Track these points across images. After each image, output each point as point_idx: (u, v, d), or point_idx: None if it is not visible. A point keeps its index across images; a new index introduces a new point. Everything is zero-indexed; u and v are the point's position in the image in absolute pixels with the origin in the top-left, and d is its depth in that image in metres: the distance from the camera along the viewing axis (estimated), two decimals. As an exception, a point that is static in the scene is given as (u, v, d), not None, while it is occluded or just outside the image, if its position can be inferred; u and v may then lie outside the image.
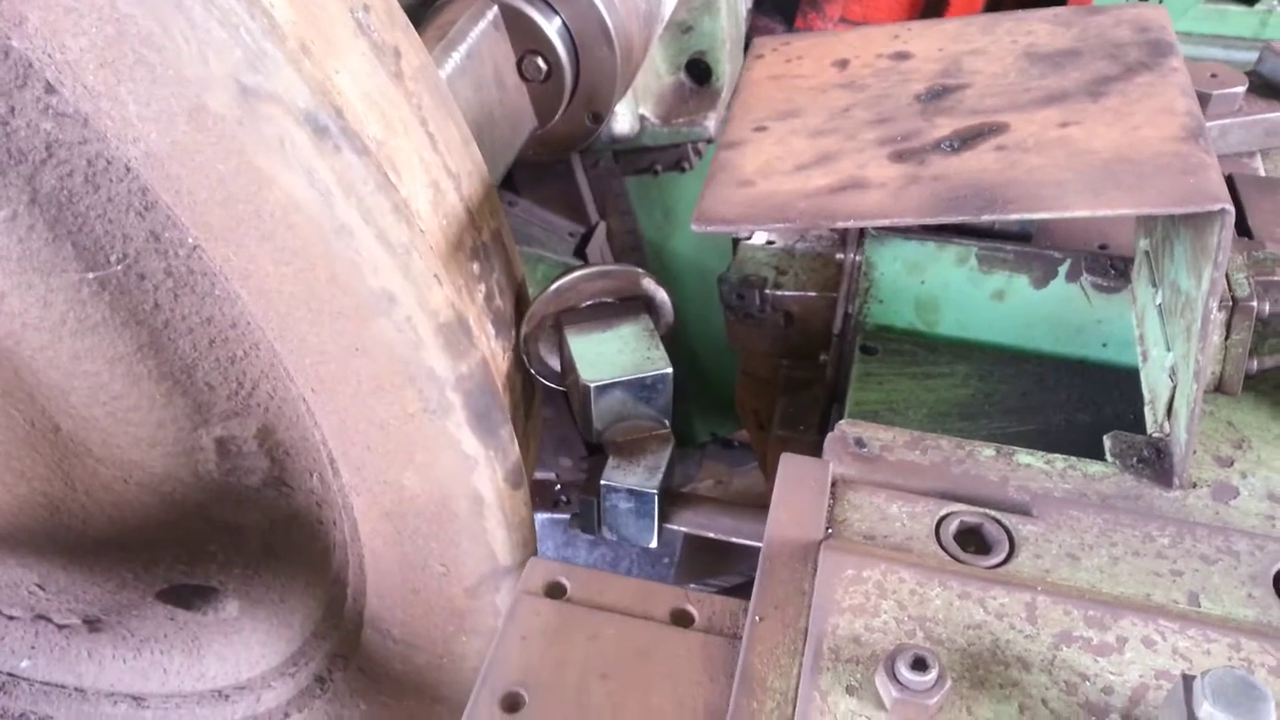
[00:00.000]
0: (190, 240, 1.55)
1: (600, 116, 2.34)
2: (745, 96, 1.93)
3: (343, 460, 1.77)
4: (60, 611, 2.21)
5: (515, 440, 1.76)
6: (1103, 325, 2.05)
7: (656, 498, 1.83)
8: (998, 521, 1.53)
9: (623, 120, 2.73)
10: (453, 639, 1.99)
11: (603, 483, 1.85)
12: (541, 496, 3.67)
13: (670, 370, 1.85)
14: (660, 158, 2.89)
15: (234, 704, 2.29)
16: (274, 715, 2.27)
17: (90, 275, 1.63)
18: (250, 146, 1.37)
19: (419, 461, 1.70)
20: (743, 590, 1.66)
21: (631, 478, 1.85)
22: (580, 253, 2.59)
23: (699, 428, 3.87)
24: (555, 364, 1.95)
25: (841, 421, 1.71)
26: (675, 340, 3.35)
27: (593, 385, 1.82)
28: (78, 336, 1.70)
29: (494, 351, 1.81)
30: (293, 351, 1.63)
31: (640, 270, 1.95)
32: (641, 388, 1.85)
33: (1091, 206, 1.46)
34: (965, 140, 1.64)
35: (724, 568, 3.54)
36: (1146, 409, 1.71)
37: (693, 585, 3.42)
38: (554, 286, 1.88)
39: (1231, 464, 1.66)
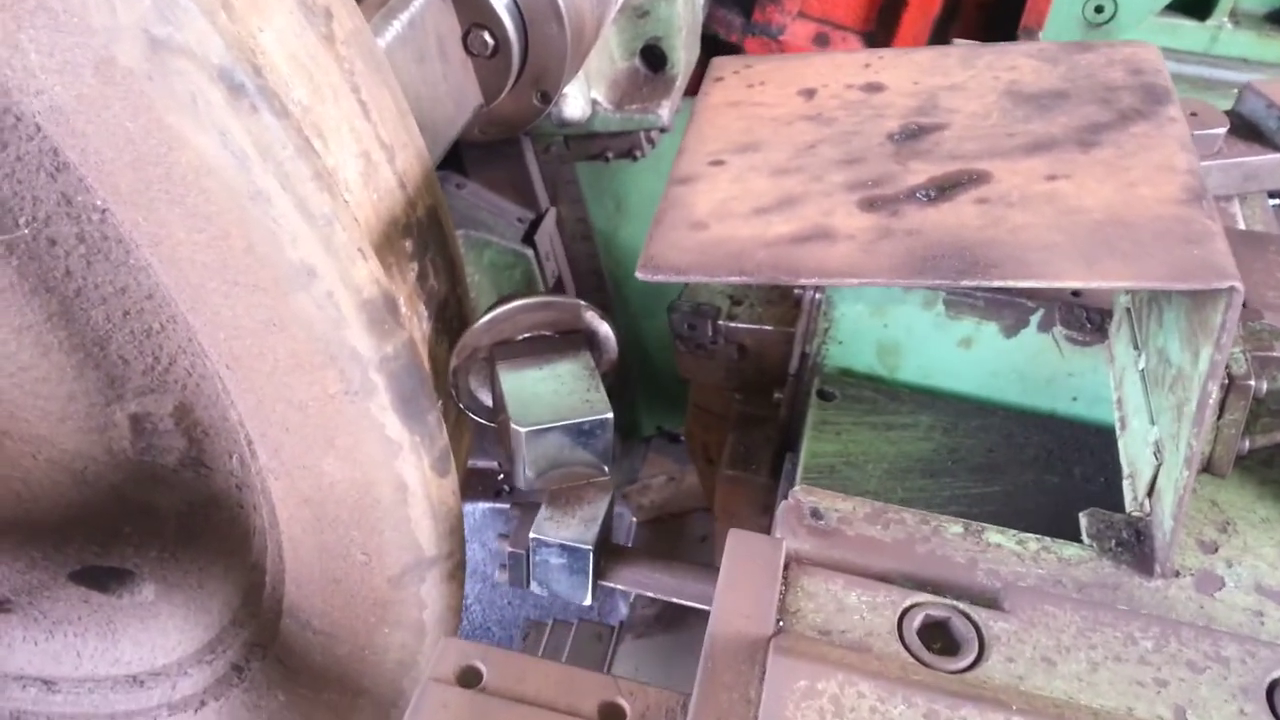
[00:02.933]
0: (99, 202, 1.39)
1: (549, 96, 2.09)
2: (701, 124, 1.62)
3: (260, 442, 1.58)
4: (-33, 591, 2.00)
5: (444, 427, 1.56)
6: (1074, 379, 1.76)
7: (591, 554, 1.55)
8: (967, 617, 1.25)
9: (574, 104, 2.45)
10: (375, 630, 1.78)
11: (532, 536, 1.57)
12: (484, 485, 3.43)
13: (611, 415, 1.56)
14: (612, 144, 2.62)
15: (149, 690, 2.07)
16: (189, 703, 2.05)
17: None
18: (160, 103, 1.22)
19: (340, 445, 1.51)
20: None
21: (565, 531, 1.57)
22: (529, 239, 2.32)
23: (645, 421, 3.61)
24: (487, 399, 1.68)
25: (796, 489, 1.43)
26: (625, 331, 3.08)
27: (524, 430, 1.53)
28: (-17, 303, 1.51)
29: (426, 334, 1.62)
30: (206, 325, 1.46)
31: (583, 303, 1.68)
32: (579, 433, 1.56)
33: (1084, 277, 1.20)
34: (943, 189, 1.36)
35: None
36: (1125, 482, 1.44)
37: None
38: (488, 317, 1.62)
39: (1216, 550, 1.39)
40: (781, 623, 1.24)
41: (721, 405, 2.10)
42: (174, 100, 1.21)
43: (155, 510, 1.84)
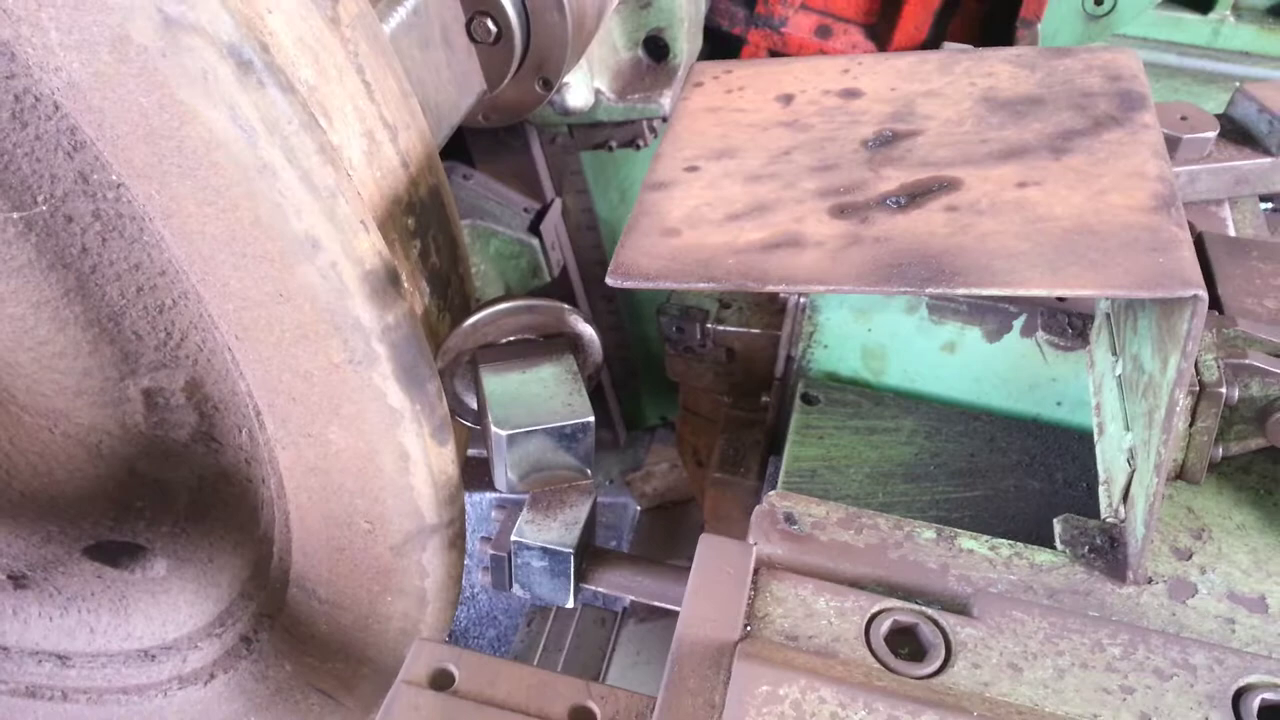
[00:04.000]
0: (114, 178, 1.38)
1: (550, 83, 2.05)
2: (678, 129, 1.57)
3: (268, 412, 1.56)
4: (-14, 566, 1.99)
5: (443, 397, 1.53)
6: (1057, 383, 1.70)
7: (573, 557, 1.49)
8: (934, 622, 1.20)
9: (577, 93, 2.41)
10: (378, 599, 1.76)
11: (513, 539, 1.51)
12: (488, 475, 3.29)
13: (592, 419, 1.51)
14: (615, 134, 2.58)
15: (160, 664, 2.05)
16: (200, 675, 2.02)
17: (16, 215, 1.44)
18: (173, 79, 1.21)
19: (344, 414, 1.49)
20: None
21: (546, 534, 1.51)
22: (534, 229, 2.26)
23: (649, 411, 3.55)
24: (473, 402, 1.64)
25: (771, 493, 1.39)
26: (628, 323, 3.01)
27: (505, 434, 1.49)
28: (2, 278, 1.52)
29: (429, 310, 1.59)
30: (216, 296, 1.44)
31: (566, 306, 1.62)
32: (560, 436, 1.51)
33: (1048, 284, 1.15)
34: (913, 197, 1.31)
35: (675, 550, 3.27)
36: (1101, 488, 1.39)
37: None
38: (471, 320, 1.57)
39: (1190, 556, 1.33)
40: (749, 628, 1.19)
41: (711, 408, 2.05)
42: (186, 76, 1.20)
43: (167, 485, 1.82)
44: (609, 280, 1.26)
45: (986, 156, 1.35)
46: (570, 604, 1.53)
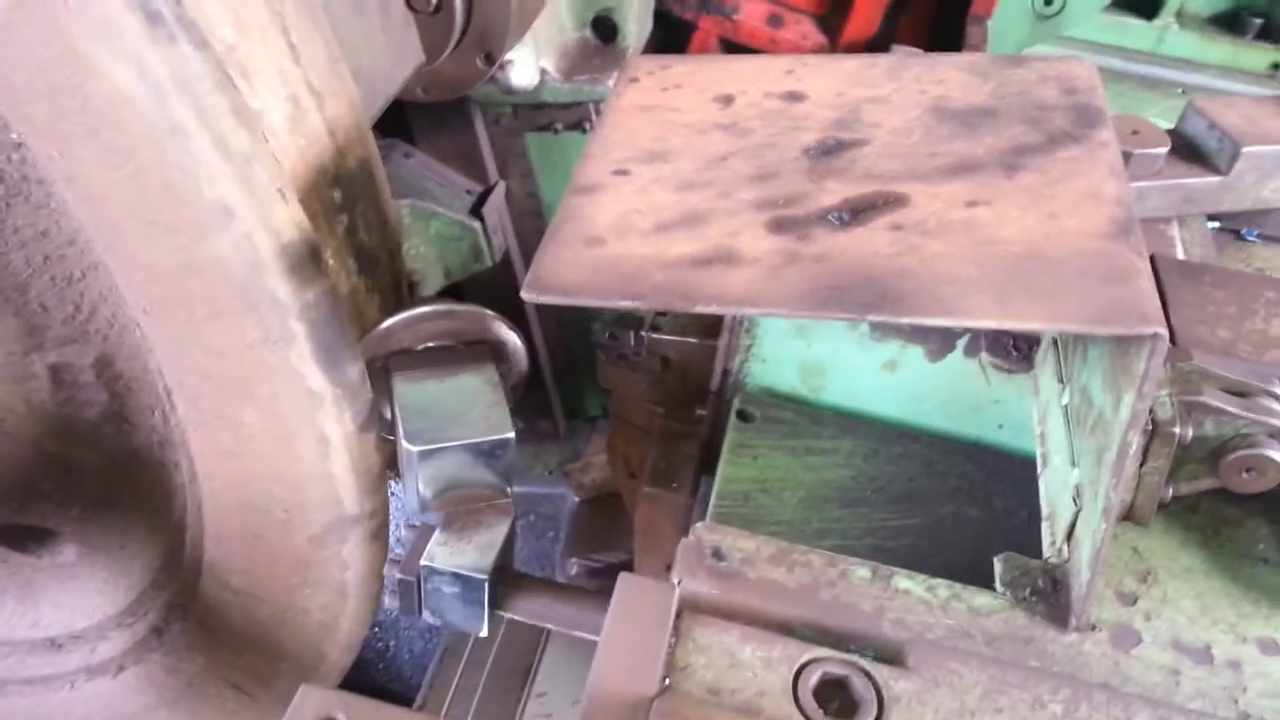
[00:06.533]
0: (15, 138, 1.27)
1: (493, 58, 1.96)
2: (609, 129, 1.44)
3: (179, 391, 1.47)
4: (-123, 550, 1.88)
5: (367, 382, 1.43)
6: (1000, 406, 1.60)
7: (487, 584, 1.35)
8: (866, 674, 1.08)
9: (522, 71, 2.31)
10: (296, 591, 1.66)
11: (423, 564, 1.36)
12: None
13: (512, 435, 1.39)
14: (561, 116, 2.50)
15: (67, 654, 1.93)
16: (108, 667, 1.91)
17: None
18: (75, 29, 1.11)
19: (259, 396, 1.40)
20: (628, 568, 1.32)
21: (459, 558, 1.36)
22: (476, 211, 2.13)
23: (590, 402, 3.43)
24: (388, 412, 1.50)
25: (699, 525, 1.27)
26: (569, 311, 2.90)
27: (416, 450, 1.35)
28: (-103, 246, 1.41)
29: (355, 288, 1.49)
30: (123, 267, 1.35)
31: (489, 312, 1.50)
32: (477, 453, 1.38)
33: (996, 315, 1.03)
34: (856, 213, 1.18)
35: (612, 543, 3.11)
36: (1044, 524, 1.28)
37: (575, 560, 3.04)
38: (385, 325, 1.45)
39: (1135, 601, 1.23)
40: (668, 680, 1.07)
41: (644, 418, 1.93)
42: (89, 27, 1.10)
43: (76, 466, 1.71)
44: (524, 294, 1.13)
45: (935, 171, 1.24)
46: (484, 633, 1.39)
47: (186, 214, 1.23)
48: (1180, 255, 1.81)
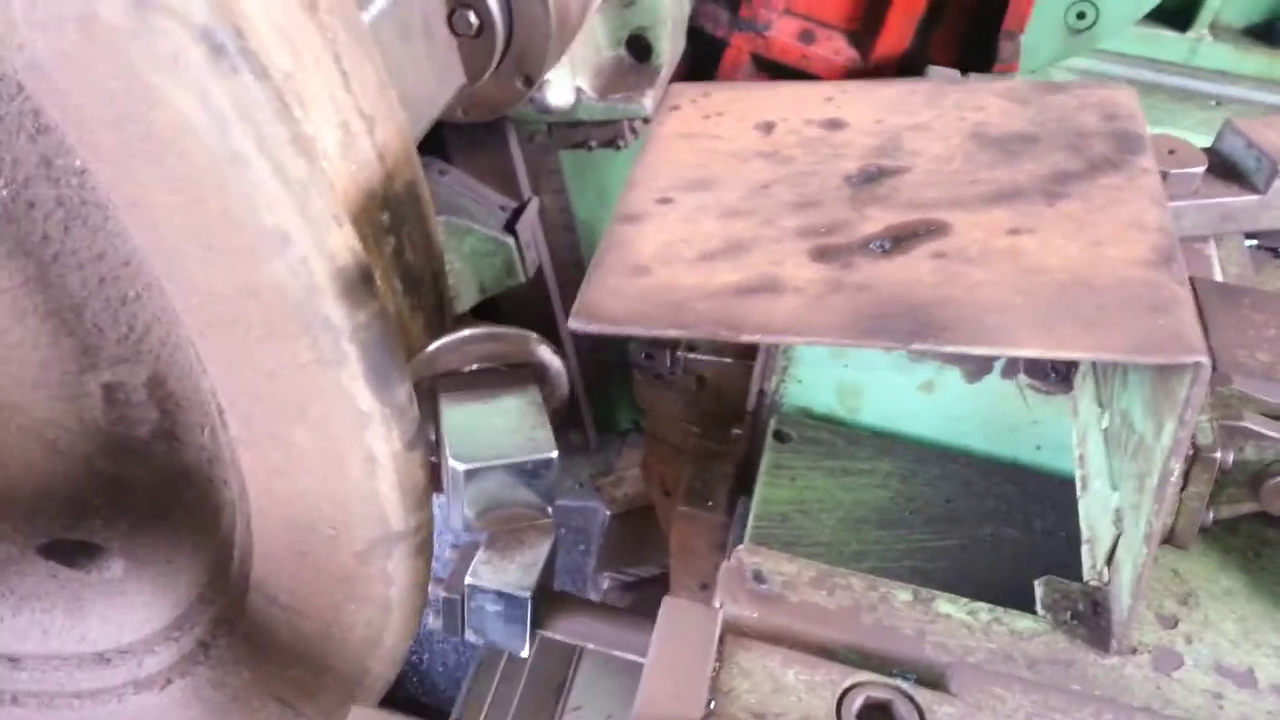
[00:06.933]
0: (78, 164, 1.30)
1: (532, 80, 1.95)
2: (652, 157, 1.45)
3: (231, 411, 1.49)
4: (-65, 564, 1.90)
5: (414, 401, 1.43)
6: (1038, 427, 1.59)
7: (529, 603, 1.38)
8: (910, 699, 1.09)
9: (559, 91, 2.30)
10: (341, 606, 1.67)
11: (467, 582, 1.40)
12: None
13: (555, 454, 1.39)
14: (595, 133, 2.45)
15: (115, 668, 1.95)
16: (155, 681, 1.93)
17: None
18: (142, 61, 1.14)
19: (311, 416, 1.41)
20: (660, 583, 1.35)
21: (503, 576, 1.39)
22: (510, 227, 2.14)
23: (621, 415, 3.40)
24: (432, 433, 1.52)
25: (740, 548, 1.28)
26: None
27: (462, 469, 1.38)
28: (-41, 265, 1.44)
29: (401, 308, 1.50)
30: (181, 290, 1.37)
31: (533, 335, 1.51)
32: (521, 473, 1.39)
33: (1042, 345, 1.04)
34: (899, 241, 1.20)
35: (644, 557, 3.09)
36: (1084, 547, 1.28)
37: (607, 574, 3.02)
38: (432, 348, 1.47)
39: (1176, 624, 1.23)
40: (713, 704, 1.08)
41: (679, 437, 1.93)
42: (155, 58, 1.13)
43: (126, 483, 1.73)
44: (571, 324, 1.15)
45: (976, 199, 1.24)
46: (526, 653, 1.42)
47: (244, 239, 1.25)
48: (1218, 274, 1.80)
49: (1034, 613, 1.21)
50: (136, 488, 1.74)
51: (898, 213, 1.24)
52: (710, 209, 1.29)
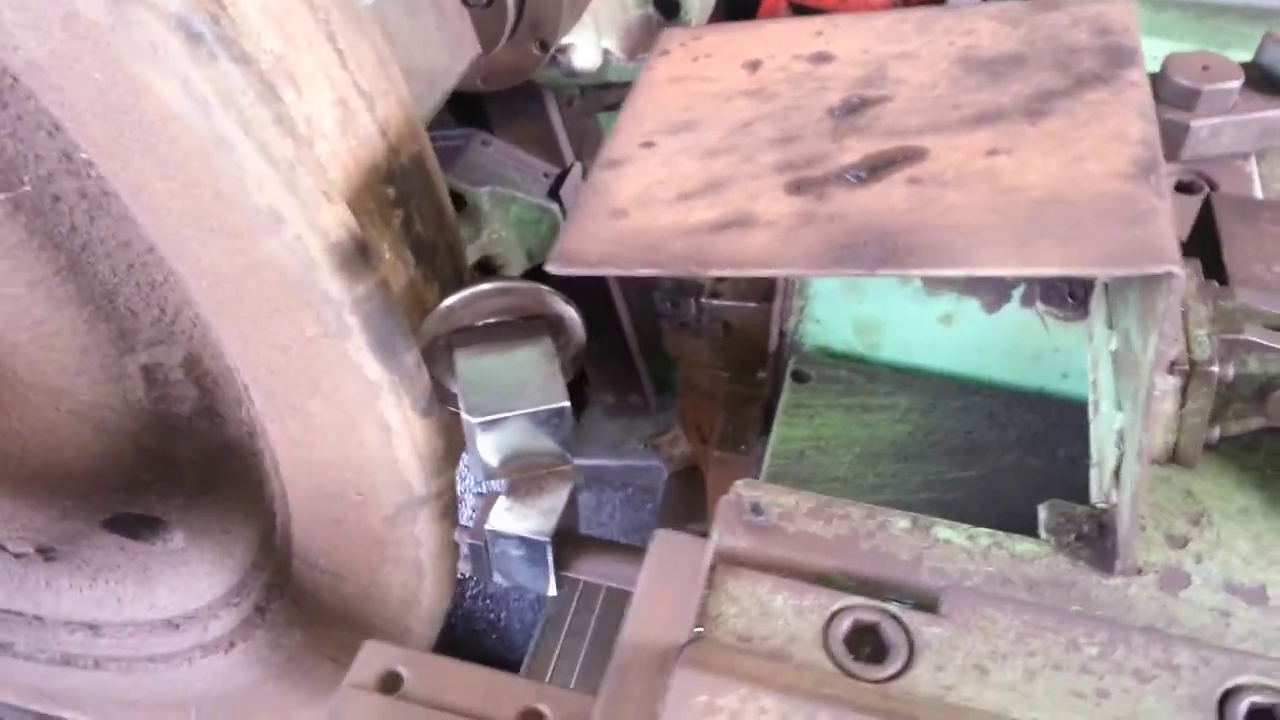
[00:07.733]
0: (84, 156, 1.35)
1: (547, 45, 1.98)
2: (639, 102, 1.44)
3: (253, 386, 1.54)
4: (13, 540, 1.99)
5: (424, 368, 1.47)
6: (1062, 354, 1.55)
7: (550, 546, 1.40)
8: (897, 620, 1.07)
9: (584, 54, 2.30)
10: (377, 569, 1.73)
11: (488, 528, 1.43)
12: None
13: (567, 404, 1.41)
14: (626, 94, 2.44)
15: (183, 633, 2.05)
16: (220, 644, 2.03)
17: (3, 196, 1.42)
18: (125, 54, 1.16)
19: (324, 388, 1.45)
20: None
21: (523, 522, 1.42)
22: (554, 194, 2.17)
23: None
24: (454, 387, 1.54)
25: (739, 482, 1.26)
26: (652, 284, 2.93)
27: (476, 421, 1.40)
28: (-3, 259, 1.50)
29: (414, 279, 1.52)
30: (190, 272, 1.41)
31: (545, 287, 1.51)
32: (535, 422, 1.41)
33: (1011, 263, 1.02)
34: (875, 169, 1.17)
35: (700, 513, 3.06)
36: (1093, 470, 1.25)
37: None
38: (445, 304, 1.48)
39: (1186, 544, 1.18)
40: (700, 629, 1.08)
41: (710, 384, 1.93)
42: (136, 49, 1.15)
43: (174, 459, 1.80)
44: (548, 267, 1.16)
45: (958, 123, 1.21)
46: (552, 592, 1.45)
47: (239, 220, 1.28)
48: (1258, 192, 1.74)
49: (1038, 537, 1.19)
50: (185, 462, 1.80)
51: (877, 141, 1.22)
52: (691, 150, 1.28)
